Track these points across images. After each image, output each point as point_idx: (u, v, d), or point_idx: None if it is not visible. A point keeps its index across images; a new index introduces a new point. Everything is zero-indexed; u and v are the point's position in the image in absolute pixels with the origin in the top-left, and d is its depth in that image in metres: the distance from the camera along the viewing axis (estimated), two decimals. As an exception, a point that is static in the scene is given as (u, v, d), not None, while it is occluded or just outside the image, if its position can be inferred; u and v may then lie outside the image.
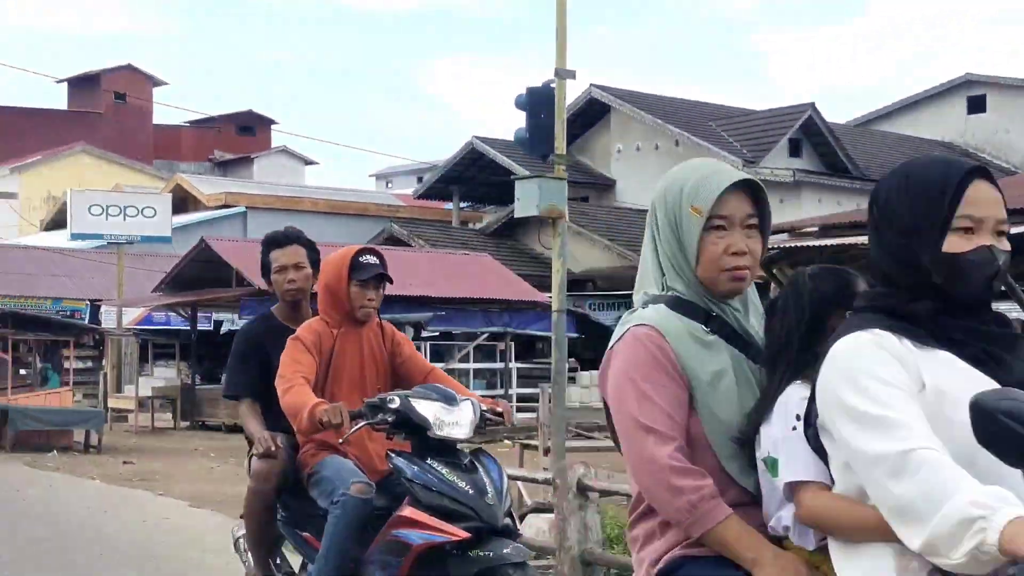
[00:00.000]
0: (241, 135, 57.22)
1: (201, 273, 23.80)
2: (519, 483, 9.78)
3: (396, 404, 4.41)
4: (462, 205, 39.97)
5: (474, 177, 38.29)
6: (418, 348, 19.66)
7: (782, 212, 30.28)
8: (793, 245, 13.00)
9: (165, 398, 23.73)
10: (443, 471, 4.35)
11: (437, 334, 24.00)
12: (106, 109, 51.64)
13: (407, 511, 4.37)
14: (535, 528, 8.69)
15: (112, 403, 23.82)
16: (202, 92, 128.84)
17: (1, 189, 42.13)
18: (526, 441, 11.91)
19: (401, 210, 39.72)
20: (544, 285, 27.76)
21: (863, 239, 12.42)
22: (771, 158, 33.19)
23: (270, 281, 5.28)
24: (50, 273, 29.69)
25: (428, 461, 4.39)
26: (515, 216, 10.23)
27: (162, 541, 9.29)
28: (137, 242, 26.69)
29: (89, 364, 27.68)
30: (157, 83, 53.44)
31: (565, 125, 9.78)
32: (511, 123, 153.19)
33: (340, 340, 4.86)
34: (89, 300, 28.46)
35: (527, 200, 9.46)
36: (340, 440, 4.52)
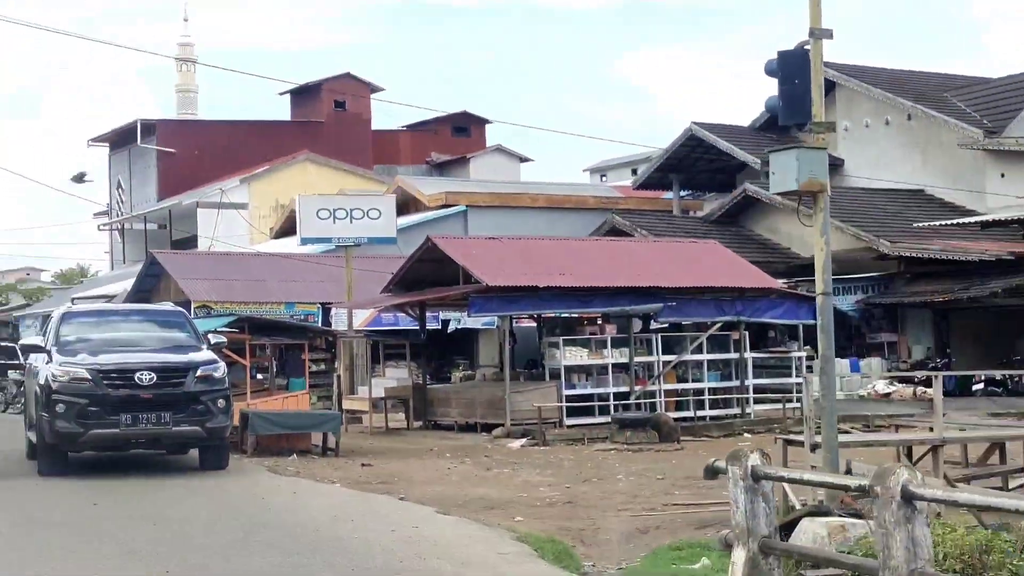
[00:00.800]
0: (456, 136, 57.72)
1: (427, 272, 23.73)
2: (784, 485, 9.00)
3: None
4: (681, 193, 39.13)
5: (693, 164, 37.47)
6: (648, 341, 18.76)
7: (1031, 183, 28.33)
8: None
9: (397, 398, 23.76)
10: None
11: (667, 325, 23.22)
12: (327, 117, 52.86)
13: None
14: (811, 534, 7.87)
15: (346, 404, 24.00)
16: (417, 96, 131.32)
17: (233, 200, 43.58)
18: (790, 436, 11.05)
19: (620, 201, 39.07)
20: (772, 271, 26.70)
21: None
22: (1015, 127, 31.09)
23: None
24: (282, 278, 30.28)
25: None
26: (771, 192, 9.42)
27: (415, 554, 8.82)
28: (364, 244, 26.88)
29: (322, 367, 28.04)
30: (374, 89, 54.36)
31: (822, 90, 8.94)
32: (722, 110, 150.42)
33: None
34: (320, 303, 28.87)
35: (784, 174, 8.64)
36: None
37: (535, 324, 26.92)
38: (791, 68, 8.93)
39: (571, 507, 11.94)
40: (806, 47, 9.02)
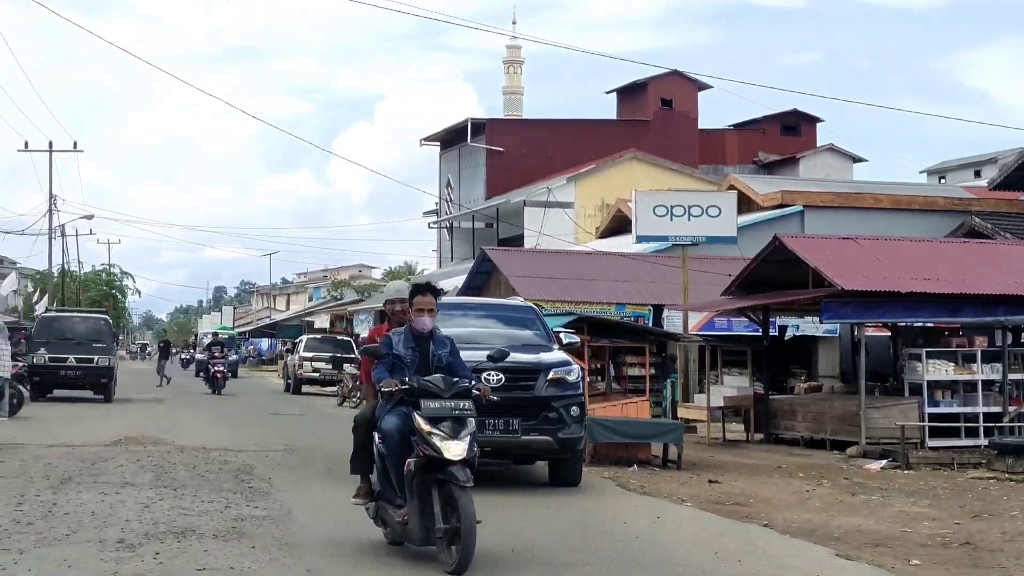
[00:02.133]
0: (785, 135, 55.75)
1: (769, 274, 22.21)
2: None
3: None
4: (1048, 194, 35.66)
5: (1062, 161, 34.01)
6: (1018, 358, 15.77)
7: None
8: None
9: (736, 408, 22.34)
10: None
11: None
12: (653, 116, 51.94)
13: None
14: None
15: (680, 413, 22.79)
16: (744, 95, 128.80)
17: (559, 198, 43.26)
18: None
19: (973, 203, 36.00)
20: None
21: None
22: None
23: None
24: (611, 278, 29.40)
25: None
26: None
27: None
28: (702, 243, 25.58)
29: (652, 371, 26.89)
30: (702, 87, 53.04)
31: None
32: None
33: None
34: (652, 305, 27.74)
35: None
36: None
37: (881, 333, 24.87)
38: None
39: (972, 550, 10.17)
40: None
